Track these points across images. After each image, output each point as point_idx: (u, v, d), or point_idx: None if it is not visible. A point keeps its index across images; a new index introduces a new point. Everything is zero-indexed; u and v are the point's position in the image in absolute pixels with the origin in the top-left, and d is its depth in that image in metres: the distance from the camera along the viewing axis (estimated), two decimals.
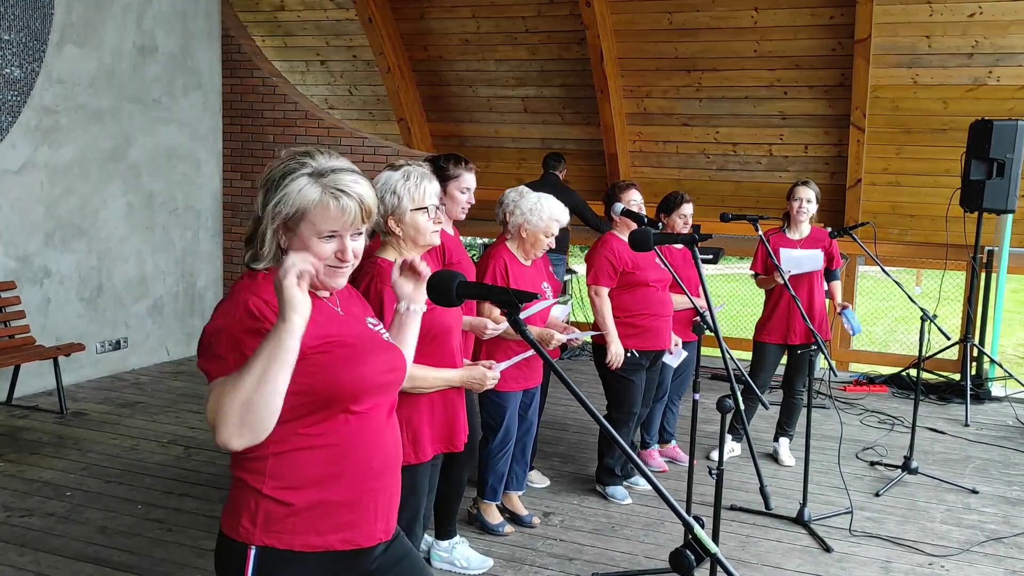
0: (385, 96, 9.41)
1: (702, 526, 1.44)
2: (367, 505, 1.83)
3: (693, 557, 1.39)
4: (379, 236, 2.84)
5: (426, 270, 2.03)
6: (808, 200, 4.95)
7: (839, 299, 5.14)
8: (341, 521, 1.78)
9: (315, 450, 1.77)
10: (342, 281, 1.84)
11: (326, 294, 1.87)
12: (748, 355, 5.28)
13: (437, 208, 2.83)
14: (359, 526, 1.81)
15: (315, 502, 1.76)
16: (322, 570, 1.79)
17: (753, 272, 5.18)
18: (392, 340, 2.02)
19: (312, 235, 1.75)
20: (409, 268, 2.06)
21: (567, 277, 7.88)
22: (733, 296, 12.33)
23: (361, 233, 1.82)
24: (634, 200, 4.34)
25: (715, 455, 5.14)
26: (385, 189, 2.79)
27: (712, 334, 3.17)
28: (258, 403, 1.58)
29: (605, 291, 4.35)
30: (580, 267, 8.69)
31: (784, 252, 4.86)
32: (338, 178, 1.76)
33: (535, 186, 4.54)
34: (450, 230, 3.61)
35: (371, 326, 1.97)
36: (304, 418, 1.75)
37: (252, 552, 1.74)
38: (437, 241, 2.86)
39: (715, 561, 1.38)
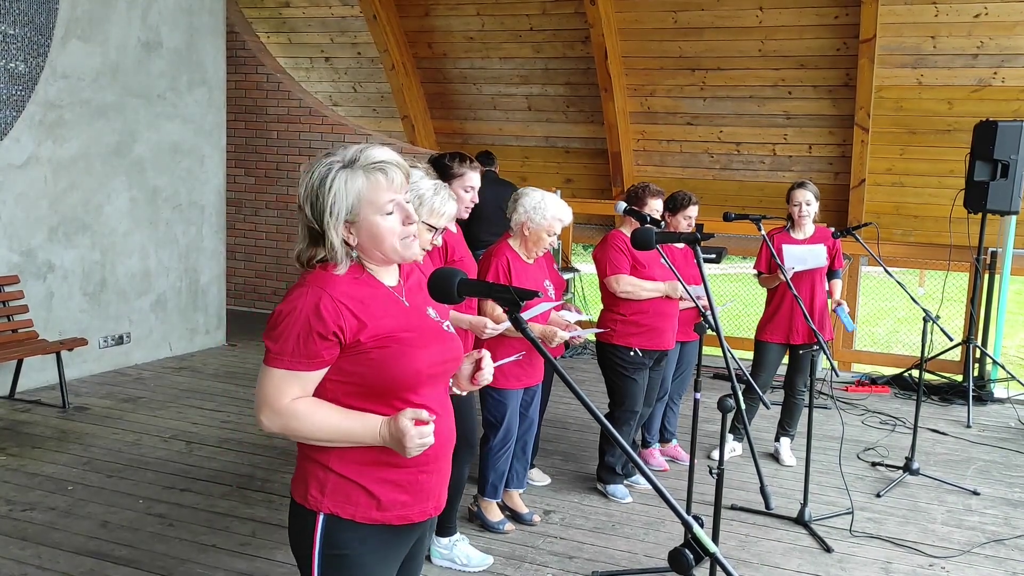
0: (389, 93, 9.42)
1: (702, 525, 1.44)
2: (423, 485, 1.95)
3: (692, 556, 1.39)
4: None
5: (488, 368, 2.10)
6: (807, 202, 4.96)
7: (836, 296, 5.15)
8: (398, 500, 1.92)
9: None
10: (416, 249, 1.96)
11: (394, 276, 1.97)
12: (750, 354, 5.28)
13: (439, 231, 2.82)
14: (413, 505, 1.95)
15: (377, 480, 1.89)
16: (377, 538, 1.92)
17: (756, 271, 5.18)
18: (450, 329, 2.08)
19: (376, 215, 1.86)
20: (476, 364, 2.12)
21: (568, 276, 7.87)
22: (735, 296, 12.31)
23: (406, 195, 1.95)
24: (656, 209, 4.34)
25: (716, 454, 5.15)
26: (410, 190, 2.76)
27: (714, 333, 3.17)
28: (308, 439, 1.87)
29: (625, 275, 4.34)
30: (581, 265, 8.70)
31: (787, 248, 4.87)
32: (368, 156, 1.88)
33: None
34: (453, 228, 3.61)
35: (431, 316, 2.03)
36: (363, 401, 1.87)
37: (320, 518, 1.89)
38: (421, 258, 2.83)
39: (714, 560, 1.37)
